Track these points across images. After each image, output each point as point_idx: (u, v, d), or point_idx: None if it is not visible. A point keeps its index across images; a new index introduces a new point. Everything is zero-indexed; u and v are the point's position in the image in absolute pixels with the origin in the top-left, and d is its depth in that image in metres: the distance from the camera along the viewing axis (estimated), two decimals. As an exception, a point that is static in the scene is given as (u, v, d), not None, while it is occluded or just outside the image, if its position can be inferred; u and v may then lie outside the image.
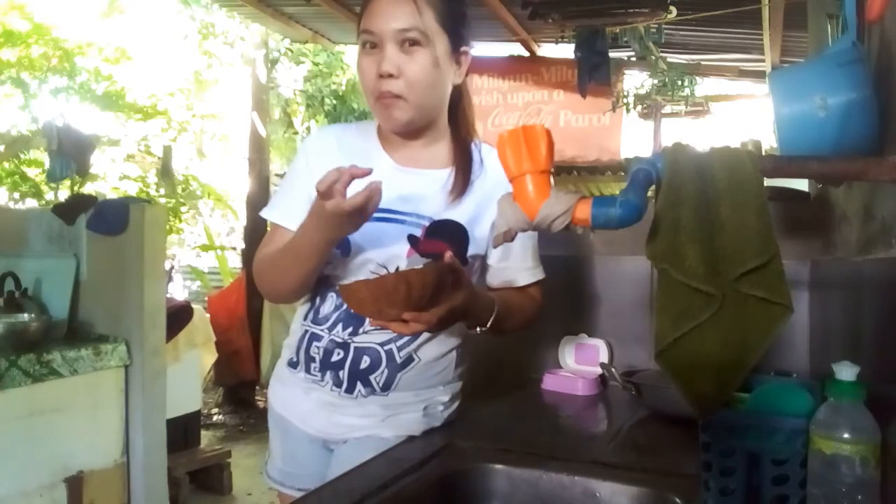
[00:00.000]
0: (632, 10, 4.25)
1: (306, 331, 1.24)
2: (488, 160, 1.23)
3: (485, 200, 1.18)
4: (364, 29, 1.14)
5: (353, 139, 1.26)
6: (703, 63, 5.41)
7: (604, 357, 1.74)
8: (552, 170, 0.80)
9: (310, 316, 1.24)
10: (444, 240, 1.17)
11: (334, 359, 1.19)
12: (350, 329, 1.18)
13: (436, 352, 1.22)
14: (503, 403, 1.56)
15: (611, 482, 1.03)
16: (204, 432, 4.33)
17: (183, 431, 3.59)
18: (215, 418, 5.24)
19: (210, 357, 4.10)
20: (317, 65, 8.37)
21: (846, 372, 0.75)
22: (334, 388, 1.20)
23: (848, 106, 0.92)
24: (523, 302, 1.28)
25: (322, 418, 1.23)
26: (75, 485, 2.28)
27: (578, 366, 1.77)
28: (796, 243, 1.57)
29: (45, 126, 3.76)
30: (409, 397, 1.22)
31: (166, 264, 3.73)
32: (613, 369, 1.55)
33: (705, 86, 6.11)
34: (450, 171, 1.21)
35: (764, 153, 1.84)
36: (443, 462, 1.12)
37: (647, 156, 0.87)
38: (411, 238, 1.17)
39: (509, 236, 0.82)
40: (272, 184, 5.83)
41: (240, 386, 5.36)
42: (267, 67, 6.10)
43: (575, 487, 1.04)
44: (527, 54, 5.61)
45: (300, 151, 1.30)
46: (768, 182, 0.83)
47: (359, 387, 1.19)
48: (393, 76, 1.11)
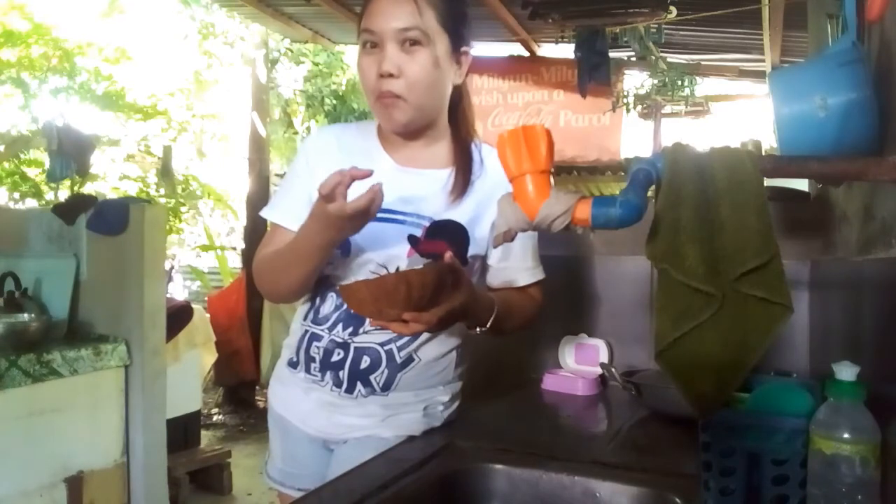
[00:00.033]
0: (632, 10, 4.25)
1: (306, 331, 1.24)
2: (488, 160, 1.23)
3: (485, 200, 1.18)
4: (364, 28, 1.14)
5: (353, 139, 1.26)
6: (703, 63, 5.41)
7: (604, 357, 1.74)
8: (552, 170, 0.80)
9: (310, 316, 1.24)
10: (444, 240, 1.16)
11: (334, 359, 1.19)
12: (350, 329, 1.18)
13: (436, 352, 1.22)
14: (503, 403, 1.56)
15: (611, 482, 1.03)
16: (204, 432, 4.33)
17: (183, 431, 3.59)
18: (215, 418, 5.24)
19: (210, 357, 4.10)
20: (317, 65, 8.38)
21: (846, 372, 0.75)
22: (334, 388, 1.20)
23: (848, 106, 0.92)
24: (523, 302, 1.28)
25: (322, 418, 1.23)
26: (75, 485, 2.28)
27: (578, 366, 1.77)
28: (796, 243, 1.57)
29: (45, 126, 3.76)
30: (409, 397, 1.22)
31: (166, 264, 3.73)
32: (613, 369, 1.55)
33: (705, 86, 6.12)
34: (450, 172, 1.21)
35: (764, 153, 1.84)
36: (443, 462, 1.12)
37: (647, 156, 0.87)
38: (411, 238, 1.17)
39: (509, 236, 0.82)
40: (272, 184, 5.83)
41: (240, 386, 5.36)
42: (267, 67, 6.10)
43: (575, 487, 1.04)
44: (527, 54, 5.61)
45: (300, 151, 1.30)
46: (768, 182, 0.83)
47: (359, 387, 1.19)
48: (393, 76, 1.11)
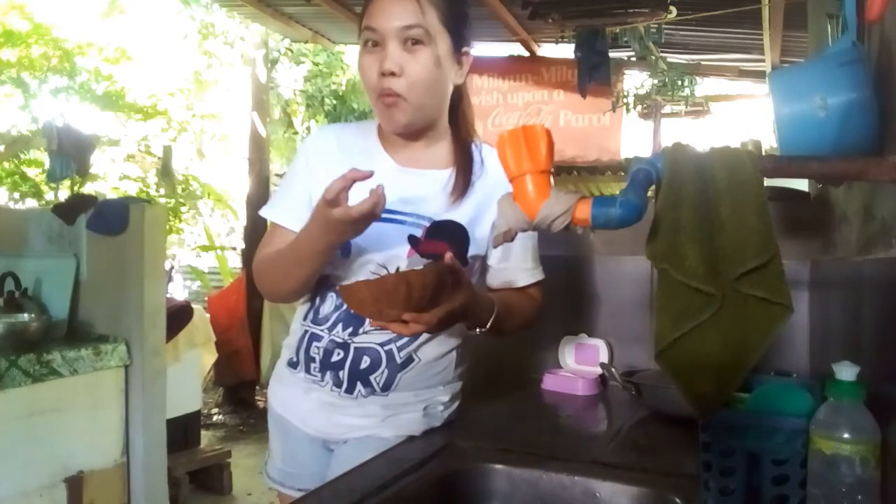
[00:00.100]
0: (632, 10, 4.25)
1: (306, 331, 1.24)
2: (489, 161, 1.22)
3: (485, 201, 1.18)
4: (366, 26, 1.13)
5: (353, 139, 1.26)
6: (703, 63, 5.41)
7: (604, 357, 1.74)
8: (552, 170, 0.80)
9: (310, 316, 1.24)
10: (444, 240, 1.16)
11: (334, 359, 1.19)
12: (350, 329, 1.18)
13: (436, 352, 1.22)
14: (503, 403, 1.56)
15: (611, 482, 1.03)
16: (204, 432, 4.33)
17: (183, 431, 3.59)
18: (215, 418, 5.24)
19: (210, 357, 4.10)
20: (317, 65, 8.38)
21: (846, 372, 0.75)
22: (334, 388, 1.20)
23: (848, 106, 0.92)
24: (523, 302, 1.28)
25: (322, 418, 1.23)
26: (75, 485, 2.28)
27: (578, 366, 1.77)
28: (796, 243, 1.57)
29: (45, 126, 3.76)
30: (409, 397, 1.22)
31: (166, 264, 3.73)
32: (613, 369, 1.55)
33: (705, 86, 6.11)
34: (450, 172, 1.21)
35: (764, 153, 1.84)
36: (443, 462, 1.12)
37: (647, 156, 0.87)
38: (412, 238, 1.17)
39: (509, 236, 0.82)
40: (272, 184, 5.83)
41: (240, 386, 5.36)
42: (267, 67, 6.10)
43: (575, 487, 1.04)
44: (527, 54, 5.61)
45: (300, 151, 1.30)
46: (768, 182, 0.83)
47: (359, 387, 1.19)
48: (395, 74, 1.11)
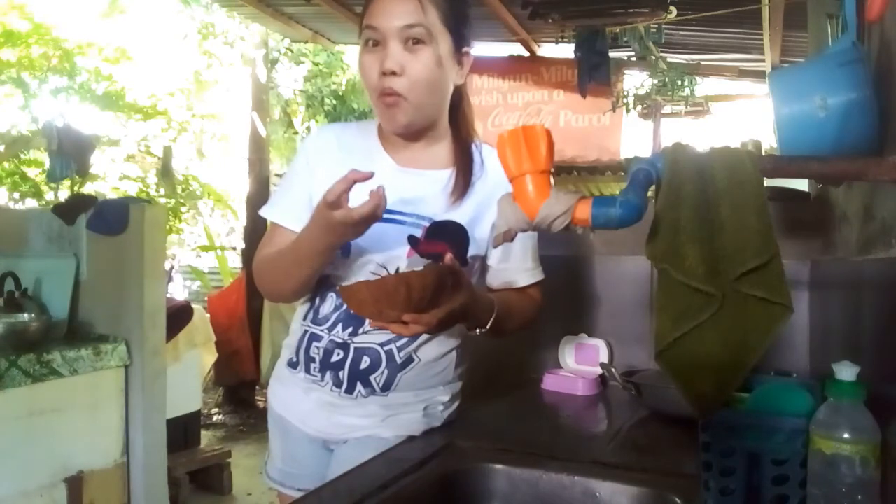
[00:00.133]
0: (632, 10, 4.25)
1: (306, 331, 1.24)
2: (489, 161, 1.22)
3: (485, 201, 1.18)
4: (367, 25, 1.13)
5: (353, 138, 1.26)
6: (703, 63, 5.41)
7: (604, 357, 1.74)
8: (552, 170, 0.80)
9: (309, 316, 1.24)
10: (444, 241, 1.16)
11: (334, 359, 1.19)
12: (350, 329, 1.18)
13: (436, 352, 1.22)
14: (503, 403, 1.56)
15: (611, 482, 1.03)
16: (204, 432, 4.33)
17: (183, 431, 3.59)
18: (215, 418, 5.24)
19: (210, 357, 4.10)
20: (317, 65, 8.38)
21: (846, 372, 0.75)
22: (334, 388, 1.20)
23: (848, 106, 0.92)
24: (523, 303, 1.28)
25: (322, 418, 1.23)
26: (75, 485, 2.28)
27: (578, 366, 1.77)
28: (796, 243, 1.57)
29: (45, 126, 3.76)
30: (409, 397, 1.21)
31: (166, 264, 3.73)
32: (613, 369, 1.55)
33: (705, 86, 6.12)
34: (450, 172, 1.21)
35: (764, 153, 1.83)
36: (443, 462, 1.12)
37: (647, 156, 0.87)
38: (412, 239, 1.17)
39: (509, 236, 0.82)
40: (272, 184, 5.83)
41: (240, 386, 5.36)
42: (267, 67, 6.10)
43: (575, 487, 1.04)
44: (527, 54, 5.61)
45: (300, 150, 1.30)
46: (768, 182, 0.83)
47: (359, 387, 1.19)
48: (396, 74, 1.11)
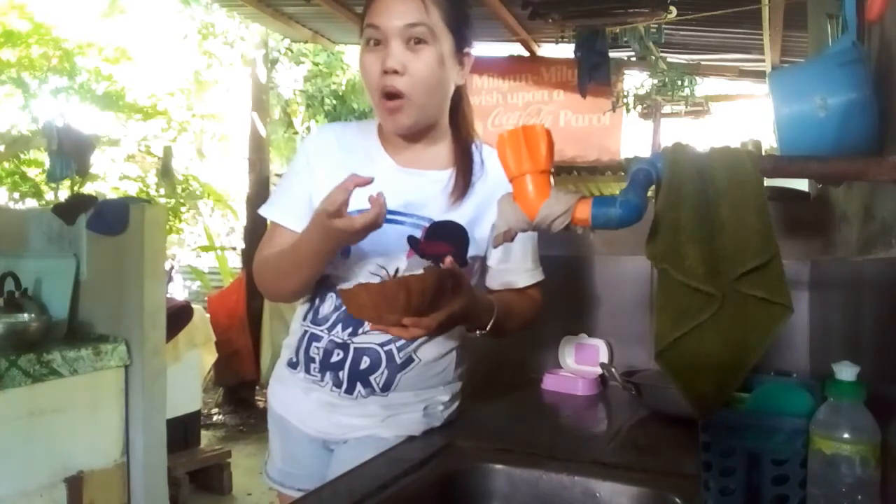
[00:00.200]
0: (632, 10, 4.25)
1: (306, 331, 1.24)
2: (489, 161, 1.22)
3: (485, 202, 1.18)
4: (369, 24, 1.13)
5: (353, 138, 1.26)
6: (703, 63, 5.41)
7: (604, 357, 1.74)
8: (552, 170, 0.80)
9: (309, 316, 1.24)
10: (444, 241, 1.16)
11: (334, 359, 1.19)
12: (349, 329, 1.18)
13: (435, 352, 1.22)
14: (503, 403, 1.56)
15: (611, 482, 1.03)
16: (204, 432, 4.33)
17: (183, 431, 3.59)
18: (215, 418, 5.24)
19: (210, 357, 4.10)
20: (317, 65, 8.38)
21: (846, 372, 0.75)
22: (334, 388, 1.20)
23: (848, 106, 0.92)
24: (523, 303, 1.27)
25: (322, 418, 1.23)
26: (75, 485, 2.28)
27: (578, 366, 1.77)
28: (796, 243, 1.57)
29: (45, 126, 3.76)
30: (409, 397, 1.21)
31: (166, 264, 3.73)
32: (613, 369, 1.55)
33: (705, 86, 6.11)
34: (450, 173, 1.21)
35: (764, 153, 1.83)
36: (443, 462, 1.12)
37: (647, 156, 0.87)
38: (411, 239, 1.16)
39: (509, 236, 0.82)
40: (272, 184, 5.82)
41: (240, 386, 5.36)
42: (267, 67, 6.10)
43: (575, 487, 1.04)
44: (527, 54, 5.61)
45: (300, 150, 1.29)
46: (768, 182, 0.83)
47: (359, 387, 1.19)
48: (398, 73, 1.11)
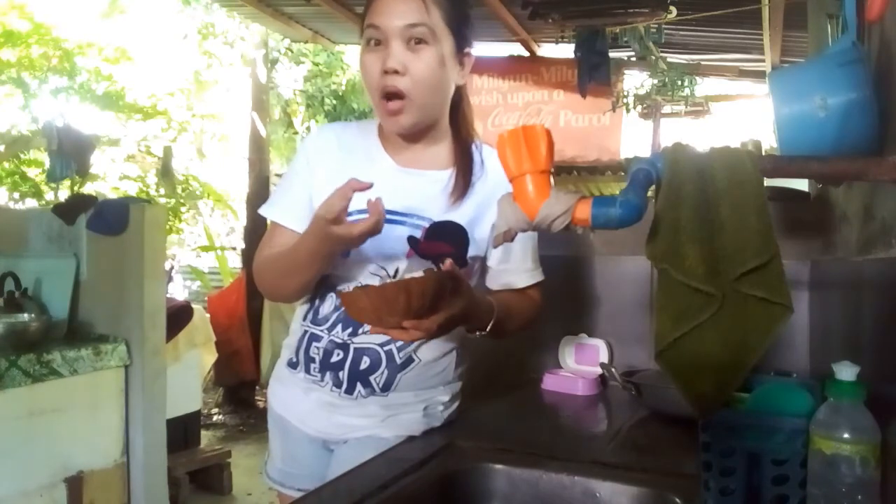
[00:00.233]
0: (632, 10, 4.25)
1: (306, 331, 1.24)
2: (489, 161, 1.22)
3: (485, 202, 1.18)
4: (369, 24, 1.13)
5: (353, 138, 1.26)
6: (703, 63, 5.41)
7: (604, 357, 1.74)
8: (552, 170, 0.80)
9: (309, 316, 1.23)
10: (444, 241, 1.16)
11: (334, 359, 1.19)
12: (349, 330, 1.18)
13: (435, 352, 1.22)
14: (503, 403, 1.56)
15: (611, 482, 1.03)
16: (204, 432, 4.33)
17: (183, 431, 3.59)
18: (215, 418, 5.24)
19: (210, 357, 4.10)
20: (317, 65, 8.38)
21: (846, 372, 0.75)
22: (334, 388, 1.20)
23: (848, 106, 0.92)
24: (523, 304, 1.27)
25: (322, 418, 1.23)
26: (75, 485, 2.28)
27: (578, 366, 1.77)
28: (796, 243, 1.57)
29: (45, 126, 3.77)
30: (409, 398, 1.21)
31: (166, 264, 3.73)
32: (613, 369, 1.55)
33: (705, 86, 6.12)
34: (450, 173, 1.20)
35: (764, 153, 1.83)
36: (443, 462, 1.12)
37: (647, 156, 0.87)
38: (411, 239, 1.16)
39: (509, 236, 0.82)
40: (272, 184, 5.83)
41: (240, 386, 5.36)
42: (267, 67, 6.11)
43: (575, 487, 1.04)
44: (527, 54, 5.61)
45: (300, 150, 1.29)
46: (768, 182, 0.83)
47: (359, 387, 1.19)
48: (398, 73, 1.10)
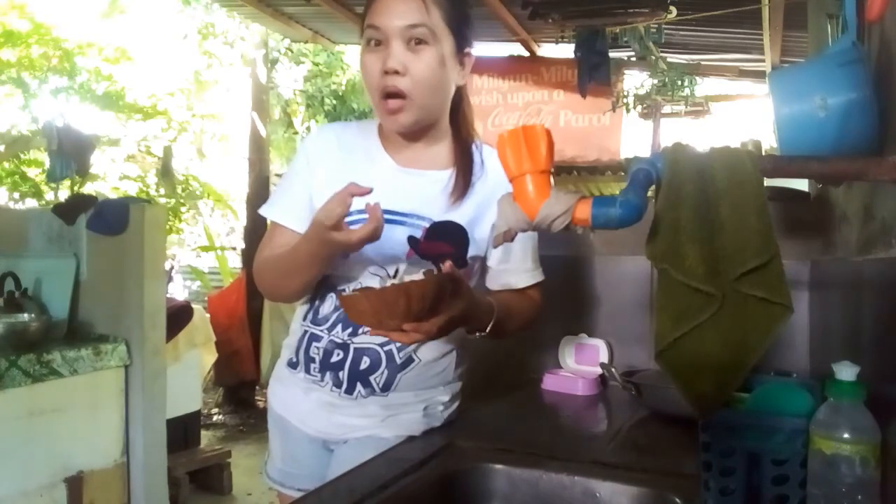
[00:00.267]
0: (632, 10, 4.25)
1: (306, 331, 1.24)
2: (489, 161, 1.22)
3: (485, 202, 1.18)
4: (369, 24, 1.13)
5: (353, 138, 1.26)
6: (703, 63, 5.41)
7: (604, 357, 1.74)
8: (552, 170, 0.80)
9: (309, 316, 1.24)
10: (444, 241, 1.16)
11: (334, 359, 1.19)
12: (349, 330, 1.18)
13: (435, 352, 1.22)
14: (503, 403, 1.56)
15: (611, 482, 1.03)
16: (204, 432, 4.33)
17: (183, 431, 3.59)
18: (215, 418, 5.24)
19: (210, 357, 4.10)
20: (317, 65, 8.38)
21: (846, 372, 0.75)
22: (334, 388, 1.20)
23: (848, 106, 0.92)
24: (523, 304, 1.27)
25: (322, 418, 1.23)
26: (75, 485, 2.28)
27: (578, 366, 1.77)
28: (796, 243, 1.57)
29: (45, 126, 3.76)
30: (409, 398, 1.21)
31: (166, 264, 3.73)
32: (613, 369, 1.55)
33: (705, 86, 6.11)
34: (451, 173, 1.20)
35: (764, 153, 1.83)
36: (443, 462, 1.12)
37: (647, 156, 0.87)
38: (411, 239, 1.16)
39: (509, 236, 0.82)
40: (272, 184, 5.83)
41: (240, 386, 5.36)
42: (267, 67, 6.11)
43: (575, 487, 1.04)
44: (527, 54, 5.61)
45: (300, 150, 1.29)
46: (768, 182, 0.83)
47: (359, 387, 1.19)
48: (399, 73, 1.10)
